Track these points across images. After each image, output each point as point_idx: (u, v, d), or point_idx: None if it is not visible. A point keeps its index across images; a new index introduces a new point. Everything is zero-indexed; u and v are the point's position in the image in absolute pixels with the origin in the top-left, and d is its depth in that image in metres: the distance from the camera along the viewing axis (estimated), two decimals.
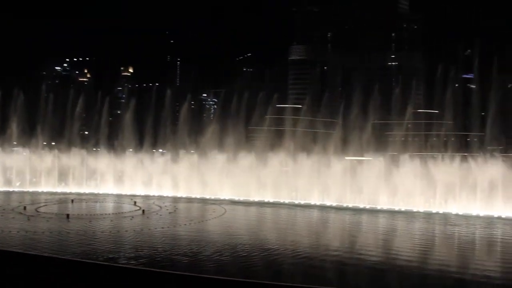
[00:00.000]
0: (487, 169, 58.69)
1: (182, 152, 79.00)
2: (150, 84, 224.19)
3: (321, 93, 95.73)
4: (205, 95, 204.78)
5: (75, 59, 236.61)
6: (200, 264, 30.69)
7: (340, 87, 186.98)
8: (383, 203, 61.88)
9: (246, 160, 72.76)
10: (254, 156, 73.03)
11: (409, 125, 79.78)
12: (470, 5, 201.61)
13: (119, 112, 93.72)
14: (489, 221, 52.77)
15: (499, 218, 54.51)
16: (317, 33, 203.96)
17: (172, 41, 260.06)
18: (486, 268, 31.40)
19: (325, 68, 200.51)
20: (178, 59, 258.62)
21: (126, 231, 42.35)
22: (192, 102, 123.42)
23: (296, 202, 66.48)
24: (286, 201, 67.22)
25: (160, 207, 59.45)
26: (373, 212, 58.84)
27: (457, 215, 56.67)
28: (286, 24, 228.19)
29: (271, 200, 67.80)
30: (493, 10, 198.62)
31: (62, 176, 78.52)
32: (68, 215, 50.16)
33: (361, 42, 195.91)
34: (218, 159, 74.07)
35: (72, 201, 64.34)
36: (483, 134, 70.41)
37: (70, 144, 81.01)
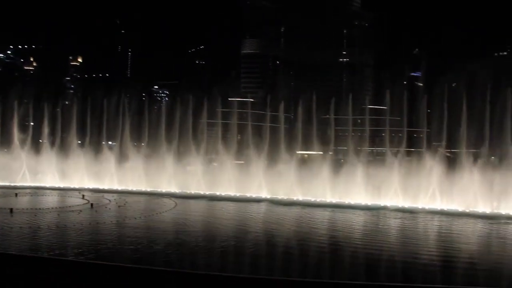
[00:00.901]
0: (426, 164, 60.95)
1: (132, 145, 77.66)
2: (100, 75, 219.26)
3: (273, 87, 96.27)
4: (157, 87, 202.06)
5: (19, 46, 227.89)
6: (151, 258, 30.25)
7: (292, 81, 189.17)
8: (327, 197, 63.03)
9: (195, 153, 72.47)
10: (204, 150, 72.80)
11: (359, 121, 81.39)
12: (420, 6, 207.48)
13: (67, 102, 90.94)
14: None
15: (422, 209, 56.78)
16: (269, 27, 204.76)
17: (123, 31, 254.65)
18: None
19: (277, 62, 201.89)
20: (129, 49, 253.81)
21: (74, 225, 41.24)
22: (143, 94, 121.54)
23: (248, 195, 66.66)
24: (237, 194, 67.30)
25: (109, 200, 58.31)
26: (312, 206, 59.39)
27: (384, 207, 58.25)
28: (240, 17, 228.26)
29: (223, 194, 67.70)
30: (441, 11, 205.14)
31: (5, 169, 75.59)
32: (11, 210, 48.33)
33: (313, 38, 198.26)
34: (168, 153, 73.32)
35: (16, 195, 62.12)
36: (428, 130, 72.65)
37: (12, 136, 78.23)
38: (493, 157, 62.42)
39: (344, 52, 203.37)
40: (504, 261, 33.10)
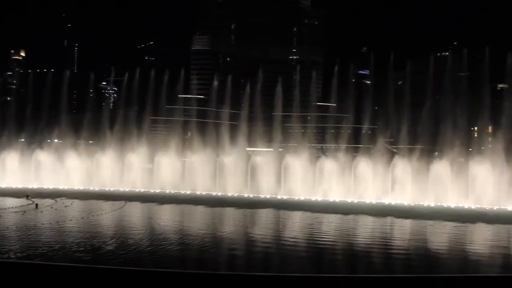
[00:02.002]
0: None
1: (79, 143, 75.78)
2: (45, 70, 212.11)
3: (223, 84, 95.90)
4: (105, 83, 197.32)
5: None
6: (101, 259, 29.53)
7: (242, 78, 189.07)
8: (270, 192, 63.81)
9: (145, 151, 71.64)
10: (154, 148, 71.97)
11: (309, 118, 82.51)
12: (367, 5, 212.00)
13: (9, 98, 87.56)
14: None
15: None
16: (220, 24, 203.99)
17: (69, 25, 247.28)
18: None
19: (228, 59, 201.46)
20: (76, 44, 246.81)
21: (17, 226, 39.76)
22: (91, 90, 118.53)
23: (198, 193, 66.42)
24: (188, 192, 66.95)
25: (56, 200, 56.59)
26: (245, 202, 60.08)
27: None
28: (190, 13, 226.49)
29: (173, 192, 67.19)
30: (388, 11, 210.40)
31: None
32: None
33: (264, 35, 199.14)
34: (117, 151, 72.05)
35: None
36: (375, 127, 74.50)
37: None
38: (436, 152, 64.72)
39: (294, 50, 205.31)
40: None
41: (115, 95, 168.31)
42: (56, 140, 78.65)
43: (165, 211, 52.32)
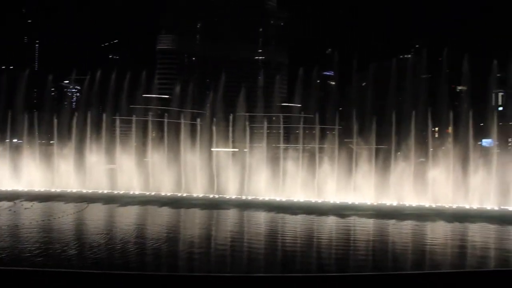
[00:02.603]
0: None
1: (40, 143, 73.89)
2: (3, 67, 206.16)
3: (188, 84, 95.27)
4: (67, 81, 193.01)
5: None
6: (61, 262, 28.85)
7: (208, 78, 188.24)
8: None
9: (108, 152, 70.51)
10: (117, 148, 70.91)
11: (274, 118, 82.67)
12: (332, 7, 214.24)
13: None
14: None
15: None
16: (186, 23, 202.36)
17: (30, 21, 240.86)
18: None
19: (194, 59, 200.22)
20: (37, 41, 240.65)
21: None
22: (53, 89, 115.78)
23: (163, 194, 65.81)
24: (153, 193, 66.25)
25: (14, 203, 54.97)
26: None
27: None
28: (155, 12, 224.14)
29: (137, 193, 66.35)
30: (353, 13, 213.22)
31: None
32: None
33: (230, 35, 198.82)
34: (79, 151, 70.63)
35: None
36: (340, 127, 75.25)
37: None
38: (399, 153, 65.77)
39: (260, 50, 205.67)
40: None
41: (77, 94, 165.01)
42: (15, 140, 76.48)
43: (127, 213, 51.55)
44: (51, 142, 75.64)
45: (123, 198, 61.83)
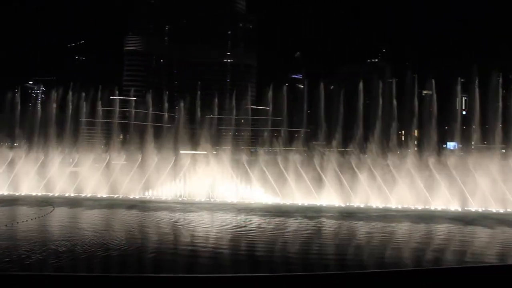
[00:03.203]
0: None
1: (2, 145, 71.97)
2: None
3: (157, 86, 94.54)
4: (31, 82, 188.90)
5: None
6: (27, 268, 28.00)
7: (176, 80, 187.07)
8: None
9: (74, 154, 69.25)
10: (84, 150, 69.65)
11: (242, 121, 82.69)
12: (301, 11, 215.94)
13: None
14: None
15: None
16: (154, 25, 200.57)
17: None
18: None
19: (162, 61, 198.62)
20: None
21: None
22: (16, 90, 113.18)
23: (131, 197, 64.93)
24: (120, 196, 65.25)
25: None
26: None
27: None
28: (123, 14, 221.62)
29: (105, 196, 65.31)
30: (322, 17, 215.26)
31: None
32: None
33: (198, 37, 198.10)
34: (44, 153, 69.03)
35: None
36: (308, 130, 75.82)
37: None
38: (366, 155, 66.40)
39: (229, 53, 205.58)
40: None
41: (43, 95, 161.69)
42: None
43: (93, 216, 50.53)
44: (15, 144, 73.79)
45: (88, 201, 60.74)
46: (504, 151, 61.72)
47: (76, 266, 29.26)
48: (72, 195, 65.64)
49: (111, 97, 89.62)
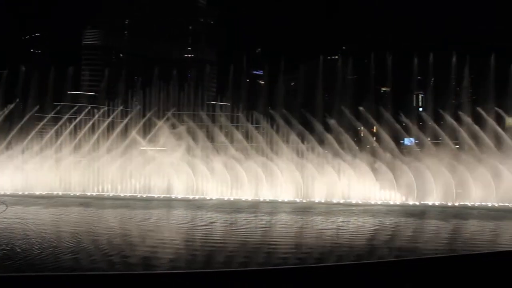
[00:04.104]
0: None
1: None
2: None
3: (116, 81, 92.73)
4: None
5: None
6: None
7: (136, 75, 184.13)
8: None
9: (27, 150, 67.39)
10: (37, 147, 67.83)
11: (203, 117, 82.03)
12: (262, 7, 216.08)
13: None
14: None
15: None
16: (113, 18, 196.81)
17: None
18: None
19: (121, 55, 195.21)
20: None
21: None
22: None
23: (88, 194, 63.67)
24: (77, 193, 63.88)
25: None
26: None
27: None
28: (82, 6, 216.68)
29: (61, 193, 63.76)
30: (282, 14, 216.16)
31: None
32: None
33: (159, 32, 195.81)
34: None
35: None
36: (268, 126, 75.90)
37: None
38: (326, 151, 67.03)
39: (189, 48, 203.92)
40: None
41: None
42: None
43: (47, 215, 49.13)
44: None
45: (52, 199, 59.27)
46: (458, 146, 63.40)
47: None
48: (26, 193, 63.75)
49: (68, 92, 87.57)
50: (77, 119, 72.50)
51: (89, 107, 76.58)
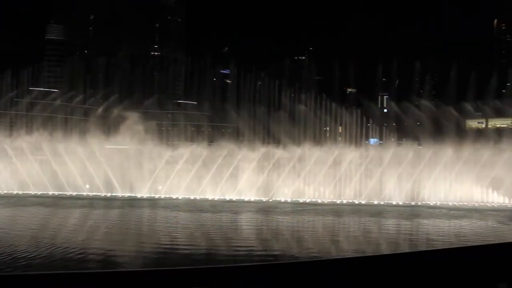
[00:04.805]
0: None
1: None
2: None
3: (80, 77, 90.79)
4: None
5: None
6: None
7: (101, 73, 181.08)
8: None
9: None
10: None
11: (169, 115, 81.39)
12: (229, 7, 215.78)
13: None
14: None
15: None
16: (78, 14, 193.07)
17: None
18: None
19: (86, 51, 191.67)
20: None
21: None
22: None
23: (50, 193, 62.30)
24: (38, 192, 62.41)
25: None
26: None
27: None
28: (45, 1, 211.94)
29: (21, 193, 62.18)
30: (251, 14, 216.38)
31: None
32: None
33: (125, 29, 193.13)
34: None
35: None
36: (235, 125, 75.87)
37: None
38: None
39: (156, 46, 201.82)
40: None
41: None
42: None
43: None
44: None
45: (11, 198, 57.69)
46: (420, 146, 64.50)
47: None
48: None
49: (29, 88, 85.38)
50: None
51: (44, 102, 74.78)
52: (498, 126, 72.33)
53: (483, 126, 74.55)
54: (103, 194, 62.43)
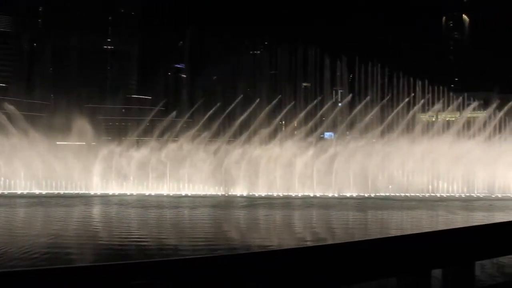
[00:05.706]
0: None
1: None
2: None
3: (28, 71, 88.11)
4: None
5: None
6: None
7: (51, 66, 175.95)
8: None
9: None
10: None
11: (123, 110, 79.90)
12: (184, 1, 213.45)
13: None
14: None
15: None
16: (25, 5, 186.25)
17: None
18: None
19: (34, 44, 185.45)
20: None
21: None
22: None
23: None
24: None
25: None
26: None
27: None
28: None
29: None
30: (208, 5, 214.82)
31: None
32: None
33: (77, 21, 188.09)
34: None
35: None
36: (191, 120, 75.26)
37: None
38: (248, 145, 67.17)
39: (109, 39, 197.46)
40: None
41: None
42: None
43: None
44: None
45: None
46: (374, 140, 65.72)
47: None
48: None
49: None
50: None
51: None
52: (447, 119, 74.51)
53: (433, 119, 76.62)
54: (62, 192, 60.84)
